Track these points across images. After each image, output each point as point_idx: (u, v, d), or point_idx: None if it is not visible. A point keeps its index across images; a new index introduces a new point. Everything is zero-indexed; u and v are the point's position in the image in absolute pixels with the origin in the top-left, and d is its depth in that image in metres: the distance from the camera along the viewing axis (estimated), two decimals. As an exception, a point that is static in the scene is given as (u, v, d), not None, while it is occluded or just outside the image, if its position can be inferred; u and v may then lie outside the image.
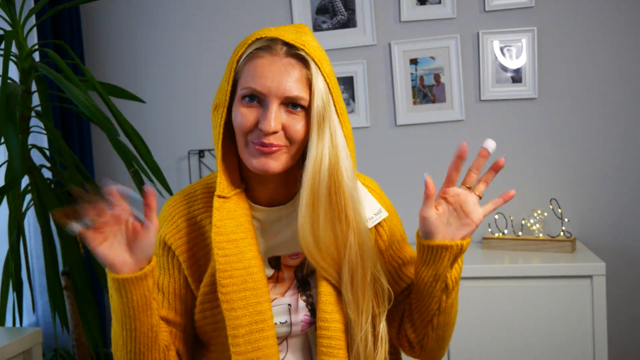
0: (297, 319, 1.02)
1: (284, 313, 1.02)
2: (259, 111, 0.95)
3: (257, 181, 1.04)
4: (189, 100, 2.69)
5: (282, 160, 0.96)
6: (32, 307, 2.11)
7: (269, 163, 0.95)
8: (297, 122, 0.96)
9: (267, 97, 0.94)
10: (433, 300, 1.02)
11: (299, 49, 0.95)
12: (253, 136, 0.95)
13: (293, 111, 0.95)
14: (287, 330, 1.02)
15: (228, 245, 0.97)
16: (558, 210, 2.32)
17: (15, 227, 1.80)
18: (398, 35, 2.49)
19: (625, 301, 2.36)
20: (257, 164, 0.95)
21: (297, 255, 1.06)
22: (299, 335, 1.05)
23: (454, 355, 2.09)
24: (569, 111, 2.39)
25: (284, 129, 0.95)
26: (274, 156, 0.95)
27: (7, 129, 1.51)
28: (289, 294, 1.04)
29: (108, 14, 2.73)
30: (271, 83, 0.93)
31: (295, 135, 0.96)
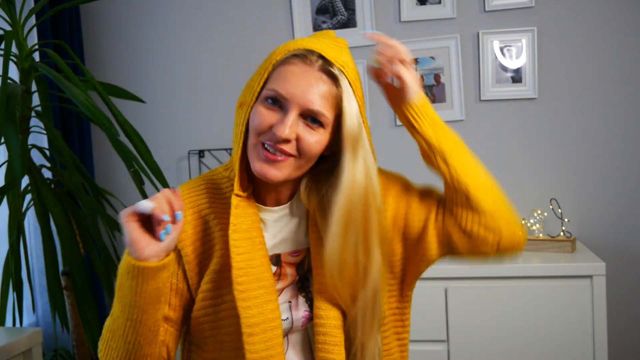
0: (298, 316, 1.03)
1: (286, 310, 1.02)
2: (277, 115, 0.94)
3: (262, 183, 1.04)
4: (189, 100, 2.69)
5: (285, 172, 0.96)
6: (32, 307, 2.11)
7: (271, 171, 0.95)
8: (312, 136, 0.95)
9: (289, 103, 0.93)
10: (443, 176, 1.06)
11: (334, 66, 0.95)
12: (265, 137, 0.95)
13: (311, 125, 0.95)
14: (289, 327, 1.02)
15: (243, 243, 0.98)
16: (558, 210, 2.32)
17: (15, 227, 1.80)
18: (398, 35, 2.49)
19: (625, 301, 2.36)
20: (259, 168, 0.95)
21: (297, 253, 1.06)
22: (299, 331, 1.05)
23: (454, 355, 2.09)
24: (569, 111, 2.39)
25: (297, 139, 0.94)
26: (277, 165, 0.95)
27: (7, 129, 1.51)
28: (290, 289, 1.04)
29: (108, 14, 2.73)
30: (296, 90, 0.93)
31: (307, 149, 0.95)
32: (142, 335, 0.94)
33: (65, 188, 1.88)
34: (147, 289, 0.90)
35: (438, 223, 1.06)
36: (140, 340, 0.94)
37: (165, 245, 0.91)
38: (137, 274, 0.89)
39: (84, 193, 1.81)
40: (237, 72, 2.60)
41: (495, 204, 1.05)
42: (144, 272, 0.89)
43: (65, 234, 1.77)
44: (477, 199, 1.03)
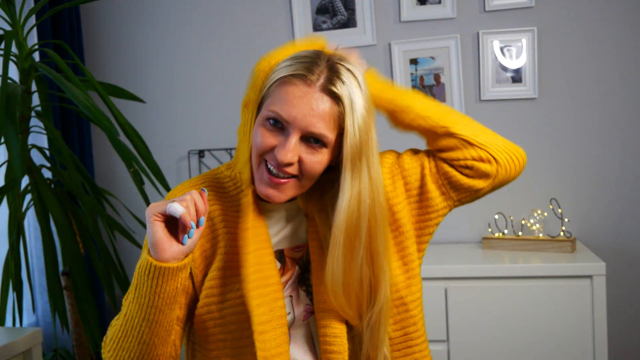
0: (300, 310, 1.03)
1: (288, 305, 1.02)
2: (279, 137, 0.94)
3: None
4: (189, 100, 2.69)
5: (289, 193, 0.97)
6: (32, 307, 2.11)
7: (275, 195, 0.96)
8: (315, 157, 0.95)
9: (290, 126, 0.93)
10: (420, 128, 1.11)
11: (335, 84, 0.94)
12: (268, 157, 0.96)
13: (313, 146, 0.95)
14: (291, 321, 1.03)
15: (252, 240, 0.98)
16: (558, 210, 2.32)
17: (15, 227, 1.80)
18: (398, 35, 2.49)
19: (625, 301, 2.36)
20: (263, 191, 0.97)
21: (299, 248, 1.06)
22: (300, 325, 1.05)
23: (454, 356, 2.09)
24: (569, 111, 2.39)
25: (299, 161, 0.95)
26: (281, 188, 0.96)
27: (7, 129, 1.51)
28: (291, 283, 1.04)
29: (108, 14, 2.73)
30: (297, 113, 0.92)
31: (310, 170, 0.95)
32: (158, 335, 0.94)
33: (65, 188, 1.88)
34: (167, 289, 0.91)
35: (432, 171, 1.09)
36: (155, 340, 0.95)
37: (187, 248, 0.91)
38: (157, 274, 0.89)
39: (84, 193, 1.81)
40: (237, 72, 2.60)
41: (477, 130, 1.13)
42: (164, 273, 0.89)
43: (65, 234, 1.77)
44: (460, 132, 1.08)
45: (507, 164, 1.12)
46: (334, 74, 0.94)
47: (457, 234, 2.46)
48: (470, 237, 2.48)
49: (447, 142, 1.08)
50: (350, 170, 0.95)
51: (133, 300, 0.93)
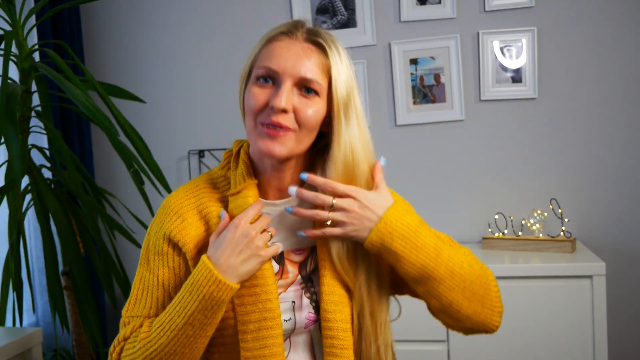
0: (301, 317, 1.01)
1: (288, 310, 1.00)
2: (271, 91, 0.95)
3: (265, 173, 1.03)
4: (189, 100, 2.69)
5: (289, 146, 0.96)
6: (32, 307, 2.11)
7: (275, 147, 0.95)
8: (309, 106, 0.96)
9: (281, 75, 0.94)
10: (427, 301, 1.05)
11: (318, 35, 0.97)
12: (263, 116, 0.95)
13: (306, 95, 0.96)
14: (291, 328, 1.01)
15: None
16: (558, 210, 2.32)
17: (15, 227, 1.80)
18: (398, 35, 2.49)
19: (625, 301, 2.36)
20: (262, 146, 0.95)
21: (300, 251, 1.04)
22: (302, 333, 1.03)
23: (454, 356, 2.09)
24: (569, 111, 2.39)
25: (294, 111, 0.95)
26: (280, 140, 0.95)
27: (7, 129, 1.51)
28: (293, 289, 1.02)
29: (108, 14, 2.73)
30: (286, 62, 0.94)
31: (306, 119, 0.95)
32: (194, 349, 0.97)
33: (65, 188, 1.88)
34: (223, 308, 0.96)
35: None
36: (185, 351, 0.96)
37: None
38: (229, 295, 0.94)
39: (84, 193, 1.81)
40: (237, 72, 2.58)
41: (473, 303, 1.08)
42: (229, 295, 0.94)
43: (65, 234, 1.77)
44: (459, 309, 1.05)
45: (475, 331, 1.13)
46: (315, 30, 0.99)
47: (457, 234, 2.46)
48: (470, 237, 2.48)
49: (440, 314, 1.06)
50: (343, 118, 0.97)
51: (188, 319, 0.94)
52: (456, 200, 2.48)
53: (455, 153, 2.47)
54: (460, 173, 2.48)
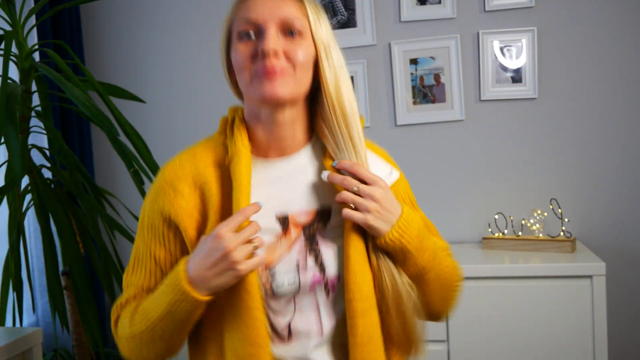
0: (306, 278, 0.98)
1: (292, 272, 0.98)
2: (257, 43, 0.96)
3: (264, 132, 1.02)
4: (189, 100, 2.69)
5: (290, 86, 0.96)
6: (32, 307, 2.11)
7: (277, 89, 0.94)
8: (297, 47, 0.96)
9: (263, 24, 0.95)
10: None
11: None
12: (256, 66, 0.95)
13: (291, 38, 0.97)
14: (295, 290, 0.98)
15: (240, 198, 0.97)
16: (558, 210, 2.32)
17: (15, 227, 1.80)
18: (398, 35, 2.49)
19: (625, 301, 2.36)
20: (264, 91, 0.94)
21: (306, 213, 1.01)
22: (307, 294, 0.99)
23: (454, 355, 2.09)
24: (569, 111, 2.39)
25: (285, 55, 0.96)
26: (280, 81, 0.95)
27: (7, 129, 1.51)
28: (296, 249, 0.99)
29: (108, 14, 2.73)
30: (264, 10, 0.96)
31: (298, 60, 0.96)
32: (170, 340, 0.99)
33: (65, 188, 1.88)
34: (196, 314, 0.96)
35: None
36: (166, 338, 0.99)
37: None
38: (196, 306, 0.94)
39: (84, 193, 1.81)
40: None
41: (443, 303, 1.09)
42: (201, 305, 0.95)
43: (65, 234, 1.77)
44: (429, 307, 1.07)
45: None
46: None
47: (457, 234, 2.46)
48: (470, 237, 2.48)
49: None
50: (325, 58, 0.99)
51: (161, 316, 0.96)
52: (456, 200, 2.48)
53: (455, 153, 2.47)
54: (460, 173, 2.48)
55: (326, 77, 0.99)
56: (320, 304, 1.00)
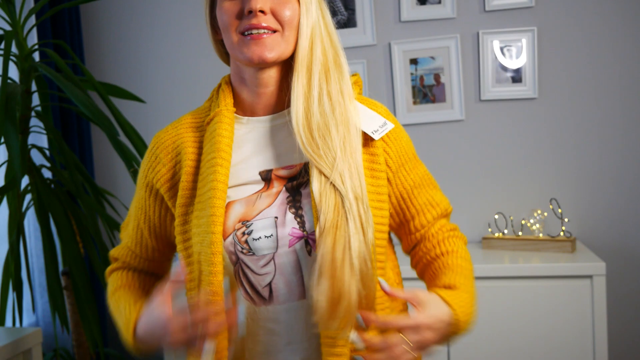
0: (284, 233, 0.94)
1: (270, 227, 0.95)
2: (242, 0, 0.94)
3: (250, 92, 1.02)
4: (189, 100, 2.69)
5: (277, 48, 0.95)
6: (32, 307, 2.11)
7: (264, 52, 0.94)
8: (284, 5, 0.95)
9: None
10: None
11: None
12: (242, 25, 0.94)
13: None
14: (273, 246, 0.94)
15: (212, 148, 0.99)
16: (558, 210, 2.32)
17: (15, 227, 1.80)
18: (398, 35, 2.49)
19: (625, 301, 2.36)
20: (251, 54, 0.94)
21: (290, 167, 0.99)
22: (286, 253, 0.95)
23: (454, 355, 2.09)
24: (569, 111, 2.39)
25: (273, 13, 0.94)
26: (267, 43, 0.94)
27: (7, 129, 1.51)
28: (277, 204, 0.96)
29: (108, 14, 2.73)
30: None
31: (285, 18, 0.95)
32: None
33: (65, 188, 1.88)
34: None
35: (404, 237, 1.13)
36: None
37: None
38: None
39: (84, 193, 1.81)
40: (237, 72, 2.59)
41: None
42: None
43: (65, 234, 1.77)
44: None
45: None
46: None
47: (457, 234, 2.46)
48: (470, 237, 2.48)
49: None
50: (305, 8, 0.96)
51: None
52: (456, 200, 2.48)
53: (455, 153, 2.47)
54: (460, 173, 2.48)
55: (302, 32, 0.97)
56: (302, 264, 0.95)
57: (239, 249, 0.95)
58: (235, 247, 0.95)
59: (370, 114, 1.02)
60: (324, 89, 0.97)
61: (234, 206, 0.97)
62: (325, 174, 0.93)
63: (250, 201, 0.97)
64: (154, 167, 1.04)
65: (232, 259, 0.96)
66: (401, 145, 1.05)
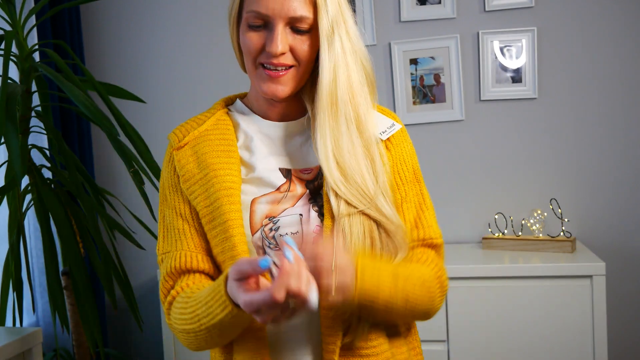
0: (309, 230, 1.00)
1: (295, 224, 1.00)
2: (266, 34, 0.98)
3: (268, 103, 1.07)
4: (189, 100, 2.69)
5: (291, 85, 1.00)
6: (32, 307, 2.11)
7: (278, 89, 0.99)
8: (304, 43, 0.98)
9: (272, 19, 0.96)
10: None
11: None
12: (262, 58, 0.99)
13: (300, 34, 0.98)
14: (299, 242, 0.99)
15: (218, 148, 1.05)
16: (558, 210, 2.32)
17: (15, 227, 1.80)
18: (398, 35, 2.49)
19: (625, 301, 2.36)
20: (266, 89, 0.99)
21: (308, 171, 1.05)
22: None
23: (454, 355, 2.09)
24: (569, 111, 2.39)
25: (291, 50, 0.98)
26: (282, 81, 0.99)
27: (7, 129, 1.51)
28: (300, 203, 1.02)
29: (108, 14, 2.73)
30: (274, 5, 0.96)
31: (302, 56, 0.99)
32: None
33: (65, 188, 1.88)
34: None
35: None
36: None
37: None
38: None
39: (84, 193, 1.81)
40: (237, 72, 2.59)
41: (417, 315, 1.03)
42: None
43: (65, 234, 1.77)
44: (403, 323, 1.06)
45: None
46: None
47: (457, 234, 2.46)
48: (470, 237, 2.48)
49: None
50: (326, 44, 0.98)
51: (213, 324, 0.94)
52: (456, 200, 2.48)
53: (455, 153, 2.47)
54: (460, 173, 2.48)
55: (323, 67, 0.99)
56: None
57: (267, 244, 0.99)
58: (264, 242, 0.99)
59: (376, 117, 1.07)
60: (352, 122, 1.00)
61: (258, 204, 1.01)
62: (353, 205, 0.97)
63: (276, 200, 1.01)
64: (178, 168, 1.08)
65: (259, 253, 1.00)
66: (401, 153, 1.08)
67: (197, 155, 1.05)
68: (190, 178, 1.04)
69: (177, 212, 1.06)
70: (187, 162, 1.06)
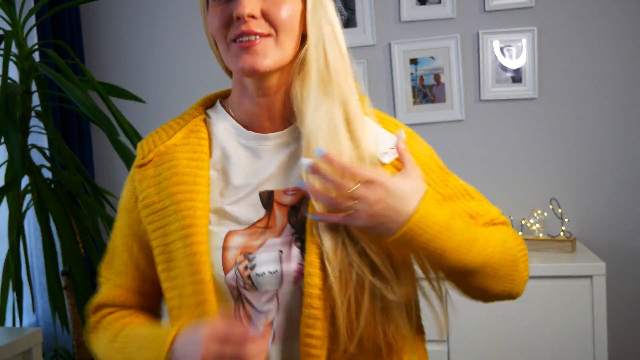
0: (289, 268, 0.85)
1: (274, 261, 0.85)
2: (231, 4, 0.84)
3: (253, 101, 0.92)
4: (189, 100, 2.68)
5: (271, 55, 0.84)
6: (32, 307, 2.11)
7: (256, 60, 0.83)
8: (278, 5, 0.84)
9: None
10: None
11: None
12: (231, 32, 0.85)
13: None
14: (277, 282, 0.86)
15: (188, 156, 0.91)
16: (558, 210, 2.32)
17: (15, 227, 1.80)
18: (398, 35, 2.49)
19: (625, 301, 2.36)
20: (242, 64, 0.84)
21: (293, 192, 0.89)
22: (291, 291, 0.86)
23: (454, 355, 2.09)
24: (569, 111, 2.39)
25: (264, 15, 0.84)
26: (259, 51, 0.83)
27: (7, 129, 1.51)
28: (281, 238, 0.87)
29: (108, 14, 2.73)
30: None
31: (279, 20, 0.84)
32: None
33: (65, 188, 1.88)
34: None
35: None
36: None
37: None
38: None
39: (84, 193, 1.81)
40: (237, 72, 2.60)
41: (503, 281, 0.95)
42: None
43: (65, 234, 1.77)
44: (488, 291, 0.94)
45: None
46: None
47: (457, 234, 2.46)
48: (470, 237, 2.47)
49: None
50: (312, 15, 0.87)
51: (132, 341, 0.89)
52: (456, 200, 2.48)
53: (455, 153, 2.47)
54: (460, 173, 2.45)
55: (308, 34, 0.87)
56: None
57: (241, 284, 0.86)
58: (238, 282, 0.86)
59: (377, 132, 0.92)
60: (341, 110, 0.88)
61: (234, 237, 0.87)
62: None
63: (254, 233, 0.88)
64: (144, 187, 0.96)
65: (234, 294, 0.87)
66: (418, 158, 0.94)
67: (159, 179, 0.90)
68: (149, 205, 0.90)
69: (124, 243, 0.95)
70: (148, 186, 0.91)
